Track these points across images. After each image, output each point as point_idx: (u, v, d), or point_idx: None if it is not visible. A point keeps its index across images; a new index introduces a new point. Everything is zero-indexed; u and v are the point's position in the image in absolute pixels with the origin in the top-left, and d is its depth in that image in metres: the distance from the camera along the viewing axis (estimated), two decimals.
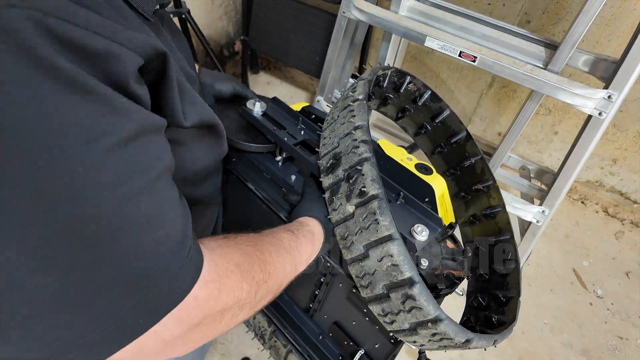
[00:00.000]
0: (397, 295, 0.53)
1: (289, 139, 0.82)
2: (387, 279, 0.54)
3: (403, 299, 0.53)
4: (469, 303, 0.84)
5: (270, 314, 0.99)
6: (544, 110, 1.70)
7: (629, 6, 1.32)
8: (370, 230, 0.56)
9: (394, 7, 1.25)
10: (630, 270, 1.60)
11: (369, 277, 0.57)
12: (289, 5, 1.73)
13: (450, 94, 1.88)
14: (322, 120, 0.96)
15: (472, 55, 1.11)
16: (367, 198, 0.56)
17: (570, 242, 1.68)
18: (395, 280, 0.53)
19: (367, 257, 0.57)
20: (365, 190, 0.57)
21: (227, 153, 0.72)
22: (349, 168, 0.61)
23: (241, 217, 1.04)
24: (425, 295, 0.51)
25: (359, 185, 0.58)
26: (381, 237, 0.55)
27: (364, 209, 0.57)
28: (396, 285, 0.53)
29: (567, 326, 1.43)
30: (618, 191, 1.76)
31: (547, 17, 1.46)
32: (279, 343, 0.98)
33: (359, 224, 0.57)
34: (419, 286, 0.51)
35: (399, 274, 0.52)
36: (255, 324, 1.04)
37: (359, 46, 1.62)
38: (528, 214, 1.28)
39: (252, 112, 0.87)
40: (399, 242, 0.54)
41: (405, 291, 0.52)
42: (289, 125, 0.88)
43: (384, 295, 0.55)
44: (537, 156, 1.85)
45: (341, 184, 0.61)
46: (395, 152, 0.86)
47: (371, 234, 0.56)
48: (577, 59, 1.09)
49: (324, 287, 0.85)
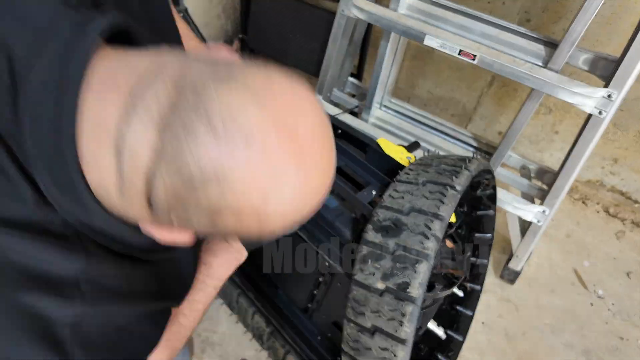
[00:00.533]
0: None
1: None
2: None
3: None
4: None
5: (268, 314, 0.99)
6: (545, 110, 1.69)
7: (630, 4, 1.31)
8: (389, 324, 0.54)
9: (393, 5, 1.24)
10: (631, 270, 1.59)
11: (362, 351, 0.56)
12: (287, 4, 1.72)
13: (450, 93, 1.87)
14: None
15: (471, 53, 1.11)
16: (405, 297, 0.54)
17: (571, 242, 1.67)
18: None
19: (371, 336, 0.55)
20: (409, 290, 0.53)
21: None
22: (403, 251, 0.56)
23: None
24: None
25: (404, 277, 0.55)
26: (398, 337, 0.53)
27: (395, 302, 0.54)
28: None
29: (567, 326, 1.42)
30: (619, 191, 1.75)
31: (547, 16, 1.45)
32: (277, 344, 0.98)
33: (381, 307, 0.55)
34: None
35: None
36: (253, 324, 1.03)
37: (358, 45, 1.61)
38: (528, 214, 1.27)
39: None
40: (408, 349, 0.53)
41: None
42: None
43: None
44: (538, 156, 1.85)
45: (386, 255, 0.57)
46: (394, 151, 0.86)
47: (389, 327, 0.54)
48: (577, 58, 1.08)
49: (322, 287, 0.84)
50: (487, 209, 0.91)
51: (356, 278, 0.58)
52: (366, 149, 0.87)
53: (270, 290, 1.00)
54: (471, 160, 0.68)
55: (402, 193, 0.63)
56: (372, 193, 0.73)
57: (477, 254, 0.95)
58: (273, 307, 0.98)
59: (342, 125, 0.94)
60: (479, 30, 1.16)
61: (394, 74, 1.53)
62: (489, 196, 0.88)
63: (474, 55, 1.10)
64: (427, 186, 0.62)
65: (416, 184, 0.64)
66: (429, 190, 0.61)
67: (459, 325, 0.96)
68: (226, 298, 1.11)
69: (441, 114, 1.96)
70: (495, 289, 1.49)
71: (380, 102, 1.58)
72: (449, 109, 1.93)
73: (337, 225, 0.75)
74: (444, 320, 0.98)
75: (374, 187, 0.74)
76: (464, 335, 0.95)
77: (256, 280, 1.03)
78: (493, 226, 0.92)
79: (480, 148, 1.48)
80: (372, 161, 0.85)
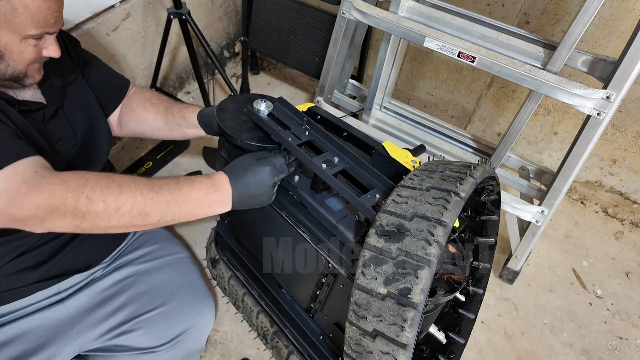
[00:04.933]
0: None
1: (293, 140, 0.82)
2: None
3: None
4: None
5: (272, 314, 0.99)
6: (543, 111, 1.70)
7: (628, 6, 1.33)
8: (391, 329, 0.54)
9: (393, 8, 1.25)
10: (630, 270, 1.60)
11: (364, 355, 0.57)
12: (288, 6, 1.73)
13: (449, 94, 1.88)
14: (327, 122, 0.96)
15: (471, 55, 1.11)
16: (407, 302, 0.54)
17: (570, 242, 1.68)
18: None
19: (373, 339, 0.56)
20: (410, 296, 0.53)
21: (237, 150, 0.86)
22: (405, 256, 0.56)
23: (244, 223, 1.04)
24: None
25: (405, 283, 0.54)
26: (399, 342, 0.53)
27: (397, 307, 0.54)
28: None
29: (566, 326, 1.43)
30: (617, 191, 1.76)
31: (546, 18, 1.46)
32: (280, 344, 0.98)
33: (383, 312, 0.55)
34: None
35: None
36: (258, 324, 1.04)
37: (358, 47, 1.63)
38: (527, 214, 1.28)
39: (258, 112, 0.88)
40: (410, 354, 0.53)
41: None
42: (294, 125, 0.88)
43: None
44: (537, 156, 1.86)
45: (388, 260, 0.57)
46: (399, 155, 0.86)
47: (390, 332, 0.54)
48: (575, 59, 1.09)
49: (324, 288, 0.85)
50: (491, 214, 0.90)
51: (358, 282, 0.58)
52: (372, 152, 0.87)
53: (275, 290, 1.01)
54: (476, 168, 0.67)
55: (406, 198, 0.62)
56: (376, 197, 0.72)
57: (480, 258, 0.95)
58: (277, 306, 0.99)
59: (348, 127, 0.93)
60: (478, 32, 1.17)
61: (394, 76, 1.54)
62: (493, 201, 0.88)
63: (474, 57, 1.11)
64: (431, 192, 0.62)
65: (420, 189, 0.63)
66: (432, 196, 0.61)
67: (461, 328, 0.96)
68: (232, 297, 1.12)
69: (441, 115, 1.98)
70: (495, 289, 1.50)
71: (380, 103, 1.59)
72: (449, 111, 1.95)
73: (340, 228, 0.75)
74: (446, 322, 0.98)
75: (378, 191, 0.74)
76: (465, 338, 0.95)
77: (261, 279, 1.04)
78: (496, 231, 0.91)
79: (480, 149, 1.49)
80: (377, 164, 0.84)
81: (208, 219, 0.84)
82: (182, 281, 1.06)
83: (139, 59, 1.76)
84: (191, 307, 1.03)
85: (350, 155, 0.81)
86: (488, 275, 0.96)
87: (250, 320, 1.06)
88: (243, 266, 1.08)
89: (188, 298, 1.04)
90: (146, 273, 1.04)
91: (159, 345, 0.97)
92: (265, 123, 0.85)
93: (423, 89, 1.94)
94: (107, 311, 0.96)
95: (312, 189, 0.83)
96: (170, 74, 2.00)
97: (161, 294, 1.01)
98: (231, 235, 1.13)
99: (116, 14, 1.56)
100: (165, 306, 1.00)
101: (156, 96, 1.08)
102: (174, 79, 2.04)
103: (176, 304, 1.01)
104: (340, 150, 0.82)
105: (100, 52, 1.58)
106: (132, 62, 1.74)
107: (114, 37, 1.60)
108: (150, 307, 0.99)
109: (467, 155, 1.47)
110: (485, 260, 0.95)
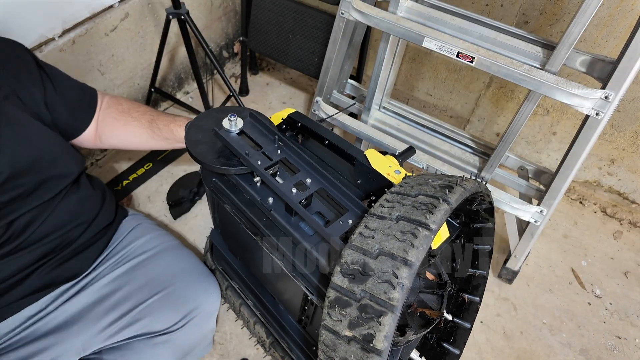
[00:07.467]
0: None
1: (263, 162, 0.78)
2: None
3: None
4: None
5: (268, 324, 0.98)
6: (542, 111, 1.70)
7: (627, 6, 1.33)
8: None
9: (392, 8, 1.25)
10: (629, 270, 1.60)
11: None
12: (287, 6, 1.73)
13: (448, 94, 1.88)
14: (308, 130, 0.90)
15: (469, 55, 1.12)
16: (371, 349, 0.51)
17: (569, 242, 1.68)
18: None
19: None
20: (373, 344, 0.51)
21: (208, 174, 0.91)
22: (369, 300, 0.53)
23: (232, 235, 1.03)
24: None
25: (369, 329, 0.52)
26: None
27: (361, 352, 0.52)
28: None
29: (565, 326, 1.43)
30: (616, 191, 1.76)
31: (544, 18, 1.47)
32: (277, 354, 0.98)
33: (349, 356, 0.53)
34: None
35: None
36: (255, 333, 1.04)
37: (357, 47, 1.63)
38: (526, 214, 1.28)
39: (227, 133, 0.83)
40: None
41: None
42: (266, 143, 0.83)
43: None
44: (535, 156, 1.86)
45: (352, 303, 0.54)
46: (383, 164, 0.81)
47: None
48: (574, 60, 1.09)
49: (310, 305, 0.83)
50: (485, 221, 0.87)
51: (325, 323, 0.56)
52: (354, 163, 0.82)
53: (269, 301, 0.99)
54: (453, 190, 0.61)
55: (373, 231, 0.57)
56: (349, 222, 0.68)
57: (477, 265, 0.92)
58: (272, 317, 0.97)
59: (328, 135, 0.86)
60: (477, 32, 1.17)
61: (393, 76, 1.54)
62: (485, 209, 0.85)
63: (472, 58, 1.11)
64: (399, 224, 0.56)
65: (390, 219, 0.58)
66: (400, 229, 0.56)
67: (456, 338, 0.93)
68: (230, 305, 1.12)
69: (439, 115, 1.98)
70: (494, 288, 1.50)
71: (379, 103, 1.59)
72: (447, 111, 1.95)
73: (314, 255, 0.71)
74: (440, 333, 0.95)
75: (351, 216, 0.69)
76: (460, 348, 0.91)
77: (255, 290, 1.03)
78: (492, 238, 0.88)
79: (478, 149, 1.49)
80: (360, 175, 0.80)
81: (205, 226, 0.83)
82: (182, 265, 1.04)
83: (138, 59, 1.76)
84: (196, 287, 1.02)
85: (324, 176, 0.77)
86: (485, 284, 0.94)
87: (249, 328, 1.06)
88: (238, 276, 1.07)
89: (192, 279, 1.02)
90: (143, 265, 1.02)
91: (170, 326, 0.96)
92: (232, 146, 0.80)
93: (422, 89, 1.95)
94: (108, 305, 0.95)
95: (286, 211, 0.78)
96: (169, 74, 2.00)
97: (162, 280, 1.00)
98: (225, 244, 1.11)
99: (115, 14, 1.56)
100: (169, 289, 0.98)
101: (135, 108, 1.04)
102: (173, 79, 2.03)
103: (180, 286, 1.00)
104: (313, 170, 0.78)
105: (99, 52, 1.58)
106: (131, 62, 1.74)
107: (112, 37, 1.60)
108: (153, 293, 0.97)
109: (466, 155, 1.47)
110: (482, 268, 0.92)
